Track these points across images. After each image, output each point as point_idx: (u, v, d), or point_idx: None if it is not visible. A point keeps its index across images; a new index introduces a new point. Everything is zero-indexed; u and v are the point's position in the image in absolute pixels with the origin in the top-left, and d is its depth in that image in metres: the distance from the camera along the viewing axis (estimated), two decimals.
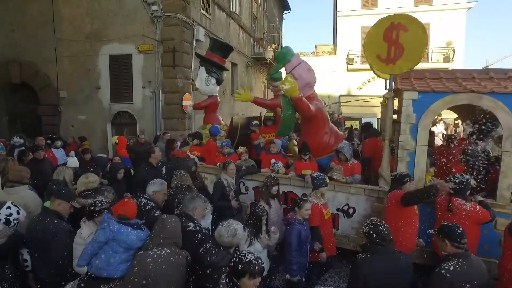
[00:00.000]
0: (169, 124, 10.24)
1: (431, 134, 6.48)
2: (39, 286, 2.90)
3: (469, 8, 18.27)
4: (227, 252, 2.59)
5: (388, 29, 4.29)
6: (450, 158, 5.08)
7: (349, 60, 20.15)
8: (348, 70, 19.83)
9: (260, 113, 20.35)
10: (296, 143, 6.00)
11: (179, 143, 8.45)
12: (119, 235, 2.46)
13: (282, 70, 5.81)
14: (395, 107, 4.83)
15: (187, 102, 10.36)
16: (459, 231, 2.58)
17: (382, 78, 5.68)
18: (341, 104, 19.88)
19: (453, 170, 4.78)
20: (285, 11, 27.23)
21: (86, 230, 2.82)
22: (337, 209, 4.69)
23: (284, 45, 22.92)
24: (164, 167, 4.97)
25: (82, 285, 2.46)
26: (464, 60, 18.55)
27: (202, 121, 11.93)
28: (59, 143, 7.78)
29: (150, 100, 10.34)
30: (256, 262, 2.01)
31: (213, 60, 7.28)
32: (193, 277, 2.73)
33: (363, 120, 19.35)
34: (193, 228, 2.87)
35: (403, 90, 4.22)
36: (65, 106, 10.97)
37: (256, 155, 5.96)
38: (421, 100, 4.15)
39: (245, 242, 3.33)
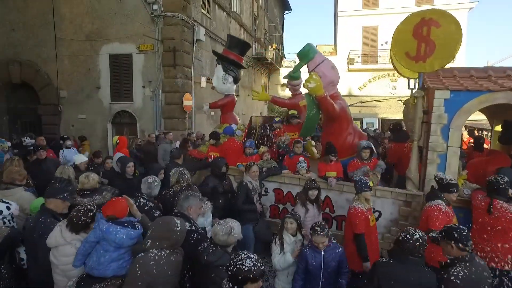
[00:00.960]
0: (169, 123, 10.22)
1: None
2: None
3: (470, 8, 18.22)
4: (224, 251, 2.57)
5: (418, 25, 4.12)
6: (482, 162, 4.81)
7: (350, 60, 20.10)
8: (349, 70, 19.79)
9: (261, 113, 20.33)
10: (314, 143, 5.88)
11: (177, 143, 8.45)
12: (107, 234, 2.45)
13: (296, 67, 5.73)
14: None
15: (188, 101, 10.33)
16: (465, 233, 2.48)
17: (406, 77, 5.55)
18: None
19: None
20: (286, 11, 27.21)
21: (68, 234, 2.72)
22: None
23: (284, 45, 22.91)
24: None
25: (82, 283, 2.45)
26: (465, 60, 18.46)
27: (203, 121, 12.02)
28: (69, 142, 7.72)
29: (151, 99, 10.32)
30: (255, 267, 1.96)
31: (231, 58, 7.07)
32: (189, 274, 2.72)
33: (364, 121, 19.37)
34: (189, 228, 2.83)
35: (434, 89, 3.99)
36: (65, 106, 10.96)
37: (274, 155, 5.77)
38: (453, 100, 3.93)
39: (277, 254, 3.27)
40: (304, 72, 5.33)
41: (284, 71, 21.90)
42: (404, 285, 2.36)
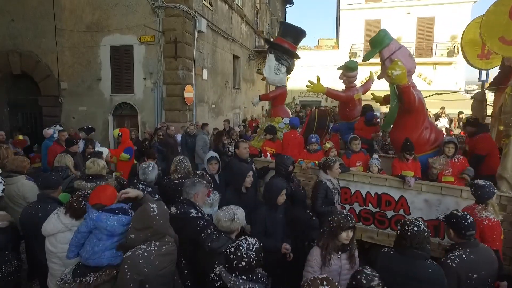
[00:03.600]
0: (170, 116, 10.17)
1: None
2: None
3: (474, 2, 18.05)
4: (228, 238, 2.54)
5: None
6: None
7: (352, 54, 19.97)
8: None
9: (262, 107, 20.23)
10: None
11: (179, 136, 8.42)
12: (98, 222, 2.39)
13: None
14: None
15: (189, 93, 10.26)
16: (466, 223, 2.43)
17: (478, 68, 5.34)
18: None
19: None
20: (288, 5, 26.96)
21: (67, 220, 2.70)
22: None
23: None
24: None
25: (78, 271, 2.41)
26: None
27: (204, 113, 11.96)
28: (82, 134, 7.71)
29: (152, 91, 10.24)
30: (252, 252, 1.96)
31: (284, 46, 6.57)
32: (191, 261, 2.68)
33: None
34: (195, 215, 2.82)
35: None
36: (66, 98, 10.88)
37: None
38: None
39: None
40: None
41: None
42: (403, 279, 2.24)
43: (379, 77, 5.15)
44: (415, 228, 2.27)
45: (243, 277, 1.94)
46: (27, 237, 2.92)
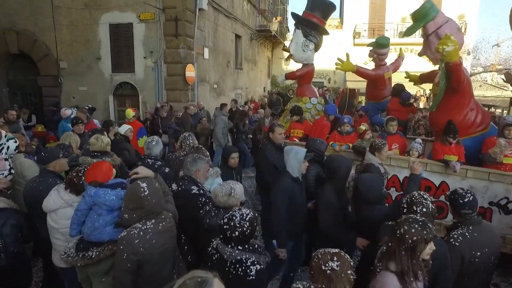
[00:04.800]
0: (171, 95, 10.04)
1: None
2: None
3: None
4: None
5: None
6: None
7: (356, 34, 19.58)
8: (355, 44, 19.27)
9: (264, 88, 20.01)
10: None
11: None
12: (97, 197, 2.37)
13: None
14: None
15: (190, 73, 10.08)
16: (461, 201, 2.36)
17: None
18: (347, 79, 19.54)
19: None
20: None
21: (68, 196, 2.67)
22: (490, 203, 3.86)
23: (288, 19, 22.20)
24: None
25: (81, 245, 2.41)
26: (476, 34, 17.97)
27: (205, 93, 11.81)
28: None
29: (152, 70, 10.07)
30: (246, 222, 1.92)
31: (313, 21, 6.14)
32: (192, 238, 2.65)
33: None
34: (197, 192, 2.77)
35: None
36: (65, 77, 10.71)
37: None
38: None
39: None
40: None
41: (287, 45, 21.32)
42: None
43: (420, 54, 4.89)
44: (424, 209, 2.22)
45: (239, 247, 1.91)
46: (30, 213, 2.90)
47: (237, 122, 7.88)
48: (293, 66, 7.29)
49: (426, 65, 5.98)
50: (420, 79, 5.68)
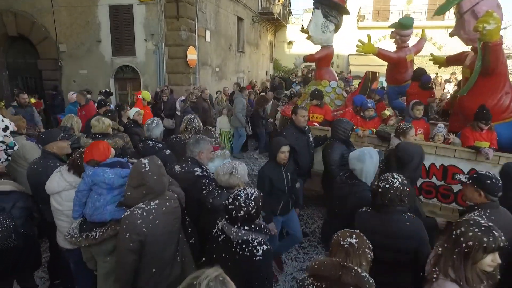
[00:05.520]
0: (173, 79, 9.92)
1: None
2: None
3: None
4: (230, 194, 2.48)
5: None
6: None
7: (360, 17, 19.20)
8: (359, 27, 18.92)
9: (267, 72, 19.77)
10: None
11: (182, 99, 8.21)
12: (96, 176, 2.35)
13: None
14: None
15: (192, 55, 9.93)
16: (500, 184, 2.32)
17: None
18: (350, 63, 19.27)
19: None
20: None
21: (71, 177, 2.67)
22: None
23: (291, 1, 21.72)
24: None
25: (84, 226, 2.41)
26: None
27: (207, 76, 11.66)
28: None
29: (153, 53, 9.92)
30: (251, 201, 1.90)
31: (333, 1, 5.86)
32: (196, 219, 2.63)
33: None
34: (200, 173, 2.74)
35: None
36: (65, 60, 10.58)
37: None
38: None
39: None
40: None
41: (290, 28, 20.99)
42: (381, 236, 2.17)
43: (451, 34, 4.62)
44: (386, 185, 2.21)
45: (245, 227, 1.88)
46: (34, 195, 2.89)
47: (256, 107, 7.89)
48: (295, 50, 7.15)
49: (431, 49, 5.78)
50: (447, 61, 5.45)
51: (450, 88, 11.22)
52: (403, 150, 2.94)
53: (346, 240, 1.68)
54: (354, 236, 1.70)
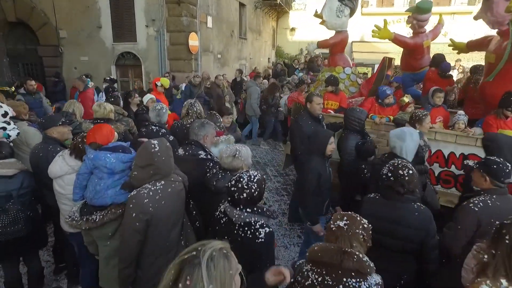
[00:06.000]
0: (175, 65, 9.84)
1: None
2: None
3: None
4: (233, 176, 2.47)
5: None
6: None
7: (364, 3, 18.81)
8: (362, 14, 18.57)
9: (269, 59, 19.54)
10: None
11: (183, 86, 8.16)
12: (97, 160, 2.32)
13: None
14: None
15: (194, 42, 9.81)
16: (507, 170, 2.29)
17: None
18: (353, 50, 19.00)
19: None
20: None
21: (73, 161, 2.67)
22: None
23: None
24: None
25: (85, 209, 2.40)
26: None
27: (209, 63, 11.54)
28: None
29: (155, 40, 9.81)
30: (254, 183, 1.89)
31: None
32: (199, 203, 2.63)
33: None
34: (204, 157, 2.74)
35: None
36: (66, 47, 10.48)
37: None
38: None
39: None
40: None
41: (293, 15, 20.66)
42: (388, 223, 2.18)
43: (476, 17, 4.41)
44: (395, 171, 2.21)
45: (248, 210, 1.88)
46: (37, 180, 2.90)
47: (266, 95, 7.83)
48: (298, 37, 7.03)
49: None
50: (467, 47, 5.23)
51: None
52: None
53: (335, 223, 1.70)
54: (345, 218, 1.70)
